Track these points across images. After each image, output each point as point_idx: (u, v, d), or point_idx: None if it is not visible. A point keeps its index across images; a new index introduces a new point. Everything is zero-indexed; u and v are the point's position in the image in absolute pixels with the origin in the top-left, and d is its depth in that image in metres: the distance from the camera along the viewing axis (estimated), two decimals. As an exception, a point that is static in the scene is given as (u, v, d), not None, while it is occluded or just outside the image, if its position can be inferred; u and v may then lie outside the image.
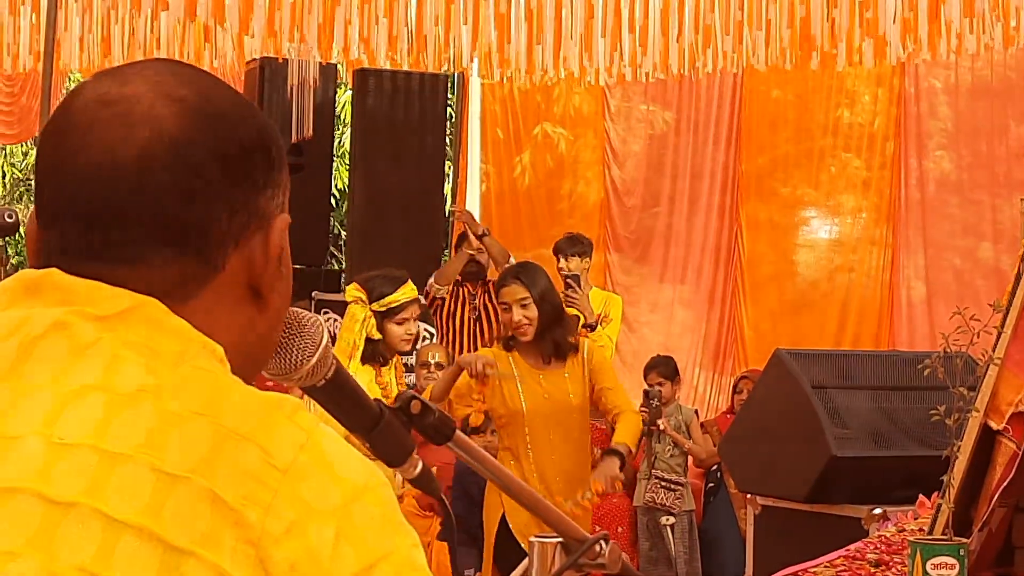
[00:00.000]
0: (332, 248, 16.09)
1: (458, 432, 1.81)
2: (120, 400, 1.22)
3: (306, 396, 1.73)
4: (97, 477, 1.18)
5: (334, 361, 1.65)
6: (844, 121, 12.10)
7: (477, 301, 9.47)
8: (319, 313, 9.08)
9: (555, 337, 6.50)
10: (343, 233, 16.05)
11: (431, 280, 9.48)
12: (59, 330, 1.26)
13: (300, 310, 1.63)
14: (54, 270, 1.31)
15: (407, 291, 6.67)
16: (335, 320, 8.70)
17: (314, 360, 1.61)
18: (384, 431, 1.72)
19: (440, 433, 1.79)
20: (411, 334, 6.72)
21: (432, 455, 4.92)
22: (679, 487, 9.03)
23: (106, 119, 1.31)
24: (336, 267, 14.27)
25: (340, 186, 15.98)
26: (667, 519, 8.71)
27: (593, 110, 13.01)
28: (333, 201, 14.78)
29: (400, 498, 6.06)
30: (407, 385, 7.36)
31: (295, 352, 1.60)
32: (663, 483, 8.99)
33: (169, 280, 1.31)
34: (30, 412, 1.22)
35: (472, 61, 11.33)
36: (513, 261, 9.48)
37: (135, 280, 1.30)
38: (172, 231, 1.31)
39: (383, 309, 6.56)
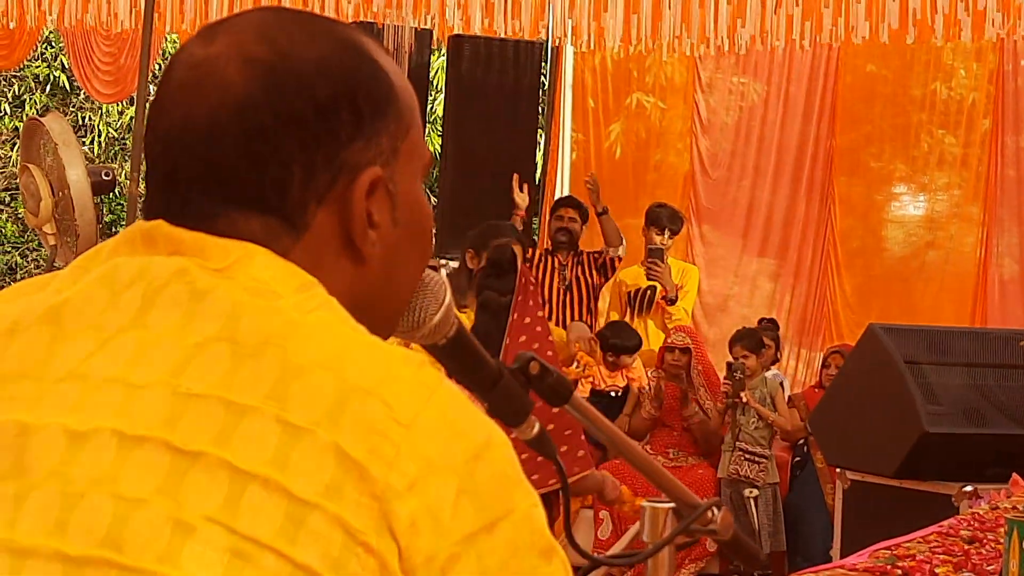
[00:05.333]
0: (421, 213, 16.13)
1: (575, 394, 1.79)
2: (245, 352, 1.23)
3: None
4: (224, 428, 1.19)
5: (456, 320, 1.65)
6: (940, 97, 11.96)
7: (568, 272, 9.45)
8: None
9: None
10: (432, 198, 16.10)
11: None
12: (180, 278, 1.28)
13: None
14: (161, 222, 1.33)
15: None
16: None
17: (437, 318, 1.61)
18: (503, 391, 1.70)
19: (558, 394, 1.77)
20: None
21: None
22: (763, 460, 8.99)
23: (189, 82, 1.34)
24: (425, 232, 14.28)
25: (432, 152, 16.01)
26: (751, 491, 8.68)
27: (684, 81, 12.93)
28: (423, 167, 14.80)
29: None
30: None
31: (418, 310, 1.59)
32: (747, 455, 8.96)
33: (253, 238, 1.31)
34: (156, 362, 1.24)
35: (567, 29, 11.29)
36: (624, 243, 9.50)
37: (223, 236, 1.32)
38: (246, 193, 1.32)
39: None
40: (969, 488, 5.70)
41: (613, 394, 9.11)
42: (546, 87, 13.20)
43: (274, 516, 1.16)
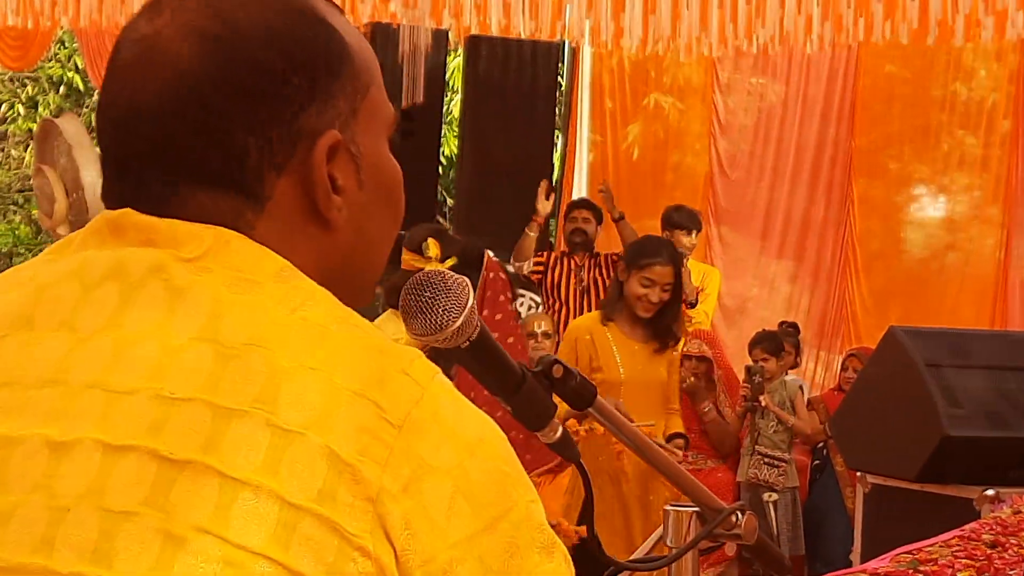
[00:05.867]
0: (438, 215, 16.14)
1: (599, 398, 1.78)
2: (229, 353, 1.19)
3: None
4: (211, 433, 1.15)
5: (479, 323, 1.61)
6: (960, 98, 11.94)
7: (584, 273, 9.44)
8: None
9: (667, 321, 6.51)
10: (448, 200, 16.10)
11: (511, 260, 9.48)
12: (156, 274, 1.24)
13: (446, 271, 1.60)
14: (129, 210, 1.28)
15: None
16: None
17: (459, 321, 1.57)
18: (526, 395, 1.68)
19: (581, 398, 1.76)
20: None
21: None
22: (782, 463, 8.96)
23: (133, 61, 1.30)
24: (441, 233, 14.25)
25: (447, 152, 15.99)
26: (770, 495, 8.66)
27: (702, 81, 12.92)
28: (439, 168, 14.82)
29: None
30: None
31: (440, 313, 1.56)
32: (766, 459, 8.93)
33: (217, 216, 1.27)
34: (136, 365, 1.20)
35: (584, 30, 11.27)
36: None
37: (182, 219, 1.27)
38: (201, 169, 1.27)
39: None
40: (991, 492, 5.65)
41: None
42: (563, 88, 13.19)
43: (266, 523, 1.13)
